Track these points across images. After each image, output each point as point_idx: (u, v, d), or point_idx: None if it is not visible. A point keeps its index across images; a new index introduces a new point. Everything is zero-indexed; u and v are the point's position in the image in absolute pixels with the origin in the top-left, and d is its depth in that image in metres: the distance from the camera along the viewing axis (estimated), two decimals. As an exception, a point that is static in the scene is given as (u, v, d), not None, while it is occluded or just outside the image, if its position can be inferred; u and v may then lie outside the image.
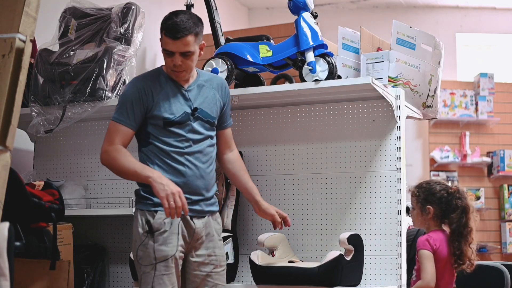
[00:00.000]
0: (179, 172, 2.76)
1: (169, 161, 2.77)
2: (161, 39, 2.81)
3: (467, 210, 3.19)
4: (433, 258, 3.11)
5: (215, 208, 2.88)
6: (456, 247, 3.16)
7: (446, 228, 3.25)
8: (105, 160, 2.79)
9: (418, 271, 3.17)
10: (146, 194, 2.78)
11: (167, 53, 2.77)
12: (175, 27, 2.73)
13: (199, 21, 2.79)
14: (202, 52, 2.82)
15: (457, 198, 3.20)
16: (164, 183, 2.63)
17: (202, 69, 3.46)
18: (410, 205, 3.74)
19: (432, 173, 6.79)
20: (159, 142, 2.79)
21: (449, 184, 3.34)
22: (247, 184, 2.98)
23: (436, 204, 3.20)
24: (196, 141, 2.81)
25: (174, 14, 2.78)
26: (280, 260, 3.28)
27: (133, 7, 3.77)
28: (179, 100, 2.81)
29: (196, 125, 2.81)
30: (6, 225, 2.23)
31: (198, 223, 2.78)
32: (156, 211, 2.75)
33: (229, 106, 2.99)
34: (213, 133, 2.89)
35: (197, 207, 2.78)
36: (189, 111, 2.81)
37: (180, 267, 2.77)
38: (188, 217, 2.76)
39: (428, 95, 3.56)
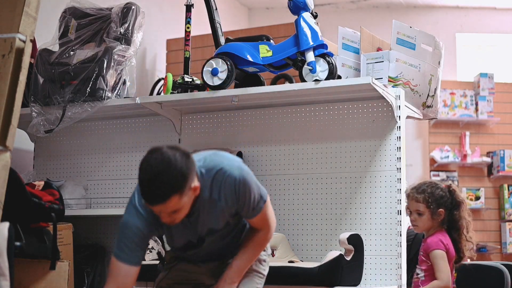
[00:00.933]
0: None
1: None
2: None
3: (464, 205, 3.20)
4: (447, 258, 3.11)
5: None
6: (457, 242, 3.17)
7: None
8: None
9: (430, 270, 3.16)
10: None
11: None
12: (149, 196, 2.17)
13: (184, 166, 2.17)
14: (198, 192, 2.27)
15: (456, 195, 3.20)
16: None
17: (202, 69, 3.45)
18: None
19: (432, 173, 6.79)
20: None
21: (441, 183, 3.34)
22: (235, 258, 2.49)
23: (444, 206, 3.19)
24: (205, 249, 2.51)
25: (150, 168, 2.16)
26: (280, 260, 3.28)
27: (133, 7, 3.76)
28: (182, 230, 2.40)
29: (205, 244, 2.47)
30: (6, 225, 2.23)
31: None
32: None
33: (247, 204, 2.36)
34: (229, 221, 2.44)
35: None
36: (194, 239, 2.44)
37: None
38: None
39: (428, 95, 3.56)
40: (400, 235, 3.26)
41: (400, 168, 3.30)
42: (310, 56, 3.24)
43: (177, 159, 2.16)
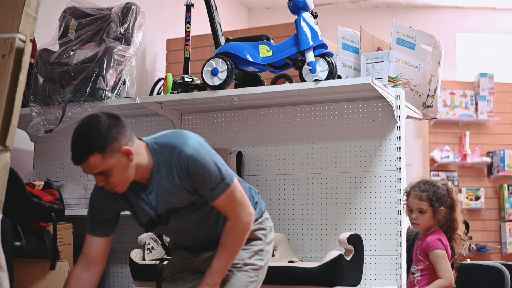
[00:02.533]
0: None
1: None
2: None
3: (458, 203, 3.20)
4: (447, 257, 3.11)
5: None
6: (449, 238, 3.17)
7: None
8: None
9: (427, 270, 3.15)
10: None
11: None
12: (72, 156, 2.27)
13: (108, 128, 2.25)
14: (132, 157, 2.30)
15: (451, 193, 3.20)
16: None
17: (202, 69, 3.45)
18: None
19: (432, 173, 6.78)
20: None
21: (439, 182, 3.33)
22: (215, 257, 2.45)
23: (445, 205, 3.19)
24: (177, 232, 2.54)
25: (75, 130, 2.28)
26: (280, 260, 3.28)
27: (133, 7, 3.76)
28: (142, 206, 2.43)
29: (172, 222, 2.47)
30: None
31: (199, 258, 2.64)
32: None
33: (201, 182, 2.34)
34: (193, 201, 2.43)
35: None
36: (153, 216, 2.44)
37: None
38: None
39: (428, 95, 3.56)
40: (400, 235, 3.26)
41: (400, 168, 3.31)
42: (310, 56, 3.24)
43: (100, 120, 2.26)
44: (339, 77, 3.34)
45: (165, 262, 2.97)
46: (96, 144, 2.24)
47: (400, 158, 3.31)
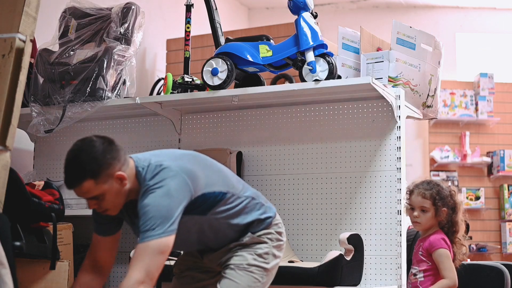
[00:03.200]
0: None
1: None
2: None
3: (460, 206, 3.20)
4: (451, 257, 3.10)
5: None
6: (453, 245, 3.17)
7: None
8: None
9: (431, 270, 3.14)
10: None
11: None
12: (66, 180, 2.28)
13: (101, 154, 2.24)
14: (125, 182, 2.29)
15: (454, 196, 3.20)
16: None
17: (202, 68, 3.45)
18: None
19: (432, 173, 6.78)
20: None
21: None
22: None
23: (447, 206, 3.19)
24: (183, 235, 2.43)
25: (68, 154, 2.28)
26: (280, 260, 3.28)
27: (133, 7, 3.76)
28: (132, 224, 2.49)
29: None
30: None
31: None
32: None
33: (141, 217, 2.26)
34: (194, 216, 2.40)
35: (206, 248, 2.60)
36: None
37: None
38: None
39: (428, 95, 3.56)
40: (400, 235, 3.26)
41: (400, 168, 3.30)
42: (310, 56, 3.24)
43: (95, 145, 2.24)
44: (339, 77, 3.34)
45: (167, 262, 2.97)
46: (89, 169, 2.22)
47: (400, 158, 3.31)
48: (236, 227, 2.50)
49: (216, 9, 3.75)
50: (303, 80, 3.28)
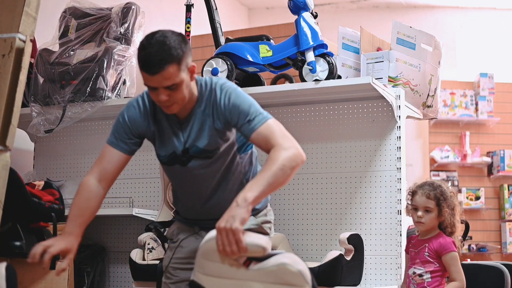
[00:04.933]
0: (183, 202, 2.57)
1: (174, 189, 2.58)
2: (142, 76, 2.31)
3: (458, 208, 3.21)
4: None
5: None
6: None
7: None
8: None
9: (439, 272, 3.14)
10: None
11: (149, 88, 2.28)
12: (149, 60, 2.21)
13: (181, 42, 2.27)
14: (195, 76, 2.32)
15: (454, 198, 3.20)
16: (63, 235, 2.33)
17: (202, 68, 3.45)
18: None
19: (432, 173, 6.78)
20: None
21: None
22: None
23: (450, 207, 3.20)
24: (197, 178, 2.44)
25: (148, 41, 2.25)
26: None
27: (133, 7, 3.77)
28: (172, 138, 2.41)
29: (192, 166, 2.41)
30: (3, 265, 2.23)
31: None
32: (173, 223, 2.67)
33: (238, 114, 2.32)
34: (219, 148, 2.40)
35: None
36: (179, 151, 2.40)
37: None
38: (201, 230, 2.56)
39: (428, 95, 3.56)
40: (400, 235, 3.26)
41: (400, 168, 3.31)
42: (310, 56, 3.24)
43: (174, 34, 2.27)
44: (339, 77, 3.34)
45: (156, 262, 2.96)
46: (176, 54, 2.22)
47: (400, 158, 3.31)
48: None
49: (216, 9, 3.75)
50: (303, 80, 3.28)
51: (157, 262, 3.28)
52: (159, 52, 2.20)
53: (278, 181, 2.19)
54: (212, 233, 2.16)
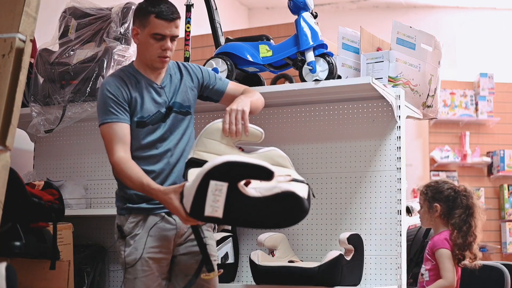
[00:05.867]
0: (152, 171, 2.73)
1: (142, 163, 2.72)
2: (145, 25, 2.73)
3: (471, 209, 3.20)
4: (452, 257, 3.11)
5: None
6: (455, 243, 3.17)
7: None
8: (116, 174, 2.72)
9: (435, 270, 3.15)
10: (123, 197, 2.79)
11: (157, 38, 2.70)
12: (169, 8, 2.72)
13: None
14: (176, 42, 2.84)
15: (462, 196, 3.21)
16: (166, 198, 2.53)
17: (202, 69, 3.46)
18: (412, 205, 3.74)
19: (432, 173, 6.79)
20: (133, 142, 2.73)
21: (456, 184, 3.36)
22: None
23: (443, 202, 3.21)
24: (169, 138, 2.76)
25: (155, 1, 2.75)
26: (280, 260, 3.28)
27: (133, 7, 3.76)
28: (154, 97, 2.76)
29: (170, 121, 2.76)
30: (3, 265, 2.23)
31: (178, 219, 2.70)
32: (129, 215, 2.74)
33: (209, 77, 2.91)
34: (189, 121, 2.84)
35: None
36: (162, 108, 2.76)
37: (164, 268, 2.76)
38: (167, 216, 2.73)
39: (428, 95, 3.56)
40: (400, 235, 3.26)
41: (400, 168, 3.30)
42: (310, 56, 3.24)
43: None
44: (339, 77, 3.34)
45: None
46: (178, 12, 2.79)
47: (400, 158, 3.31)
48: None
49: (216, 9, 3.75)
50: (303, 80, 3.28)
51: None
52: (173, 7, 2.75)
53: (256, 104, 2.80)
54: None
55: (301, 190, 2.43)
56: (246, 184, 2.47)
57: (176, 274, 2.80)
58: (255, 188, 2.42)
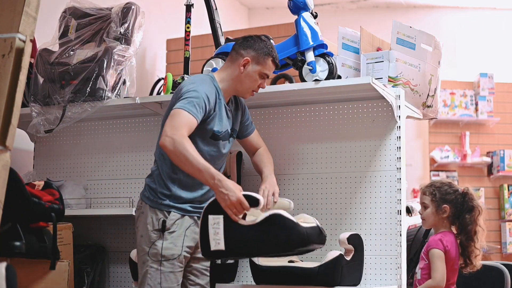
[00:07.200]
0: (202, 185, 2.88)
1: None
2: (259, 62, 2.96)
3: (478, 211, 3.21)
4: (444, 258, 3.11)
5: None
6: (465, 247, 3.18)
7: (454, 229, 3.25)
8: (171, 146, 2.67)
9: (427, 269, 3.16)
10: (162, 193, 2.87)
11: (263, 76, 2.97)
12: (277, 55, 3.03)
13: None
14: None
15: (470, 200, 3.22)
16: (225, 191, 2.63)
17: (202, 68, 3.46)
18: (412, 205, 3.74)
19: (432, 173, 6.79)
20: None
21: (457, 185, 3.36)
22: (263, 167, 3.08)
23: (452, 204, 3.21)
24: (222, 156, 2.99)
25: (270, 42, 3.05)
26: (280, 260, 3.28)
27: (133, 7, 3.76)
28: (226, 116, 2.97)
29: (229, 143, 3.02)
30: (3, 265, 2.23)
31: None
32: (169, 212, 2.86)
33: (247, 115, 3.16)
34: (234, 132, 3.10)
35: None
36: (229, 130, 3.00)
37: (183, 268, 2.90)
38: (198, 220, 2.83)
39: (428, 95, 3.56)
40: (400, 235, 3.26)
41: (400, 168, 3.30)
42: (310, 56, 3.24)
43: None
44: (339, 77, 3.34)
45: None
46: None
47: (400, 158, 3.31)
48: None
49: (216, 9, 3.75)
50: (303, 80, 3.28)
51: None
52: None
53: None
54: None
55: (288, 214, 2.69)
56: (244, 217, 2.70)
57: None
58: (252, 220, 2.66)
